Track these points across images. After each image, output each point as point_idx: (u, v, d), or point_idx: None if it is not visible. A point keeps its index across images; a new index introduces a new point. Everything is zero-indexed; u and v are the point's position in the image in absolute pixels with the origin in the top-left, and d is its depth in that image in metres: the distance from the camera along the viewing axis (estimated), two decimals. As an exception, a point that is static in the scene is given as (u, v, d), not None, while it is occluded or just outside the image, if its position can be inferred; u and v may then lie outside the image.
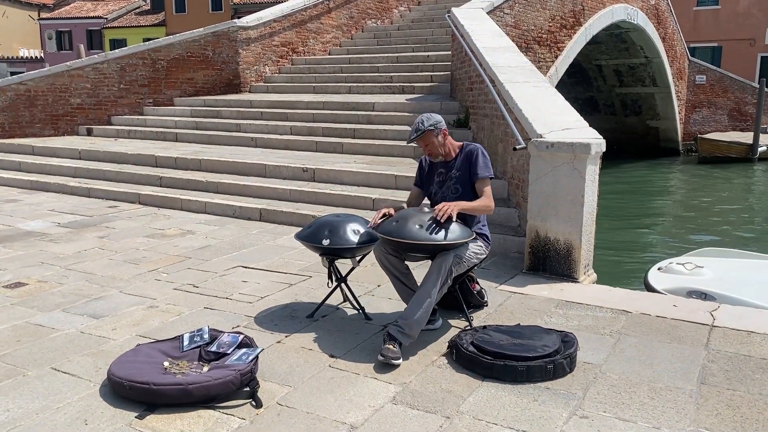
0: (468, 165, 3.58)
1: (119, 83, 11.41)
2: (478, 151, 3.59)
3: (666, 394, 2.84)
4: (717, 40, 31.11)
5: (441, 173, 3.69)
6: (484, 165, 3.55)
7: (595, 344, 3.39)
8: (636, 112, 24.36)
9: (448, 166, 3.66)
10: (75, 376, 3.02)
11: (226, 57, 12.01)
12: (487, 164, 3.57)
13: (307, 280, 4.50)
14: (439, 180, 3.69)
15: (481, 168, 3.55)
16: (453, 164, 3.64)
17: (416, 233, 3.22)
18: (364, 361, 3.18)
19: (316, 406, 2.74)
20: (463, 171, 3.59)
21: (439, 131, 3.58)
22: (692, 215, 14.30)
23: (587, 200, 4.34)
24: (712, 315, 3.79)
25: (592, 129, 4.68)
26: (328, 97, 10.41)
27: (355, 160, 7.72)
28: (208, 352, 3.04)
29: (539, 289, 4.27)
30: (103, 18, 43.75)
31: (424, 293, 3.25)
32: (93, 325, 3.66)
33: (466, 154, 3.61)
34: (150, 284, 4.43)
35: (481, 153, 3.59)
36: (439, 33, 12.75)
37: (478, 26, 8.06)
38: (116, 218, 6.56)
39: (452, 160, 3.66)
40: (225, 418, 2.64)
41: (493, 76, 6.07)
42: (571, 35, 14.39)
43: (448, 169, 3.65)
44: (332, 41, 13.99)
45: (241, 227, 6.13)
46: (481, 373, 3.01)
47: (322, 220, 3.78)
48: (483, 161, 3.56)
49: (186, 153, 8.54)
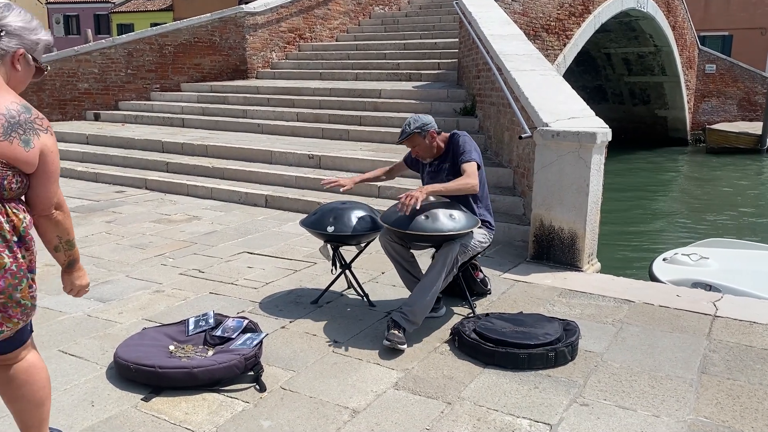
0: (454, 154, 3.57)
1: (126, 68, 11.42)
2: (461, 138, 3.57)
3: (666, 383, 2.86)
4: (728, 29, 30.83)
5: (433, 164, 3.70)
6: (465, 150, 3.51)
7: (597, 333, 3.41)
8: (644, 102, 24.21)
9: (440, 158, 3.67)
10: (82, 358, 3.06)
11: (233, 43, 11.99)
12: (468, 148, 3.51)
13: (311, 266, 4.53)
14: (431, 170, 3.70)
15: (466, 153, 3.50)
16: (444, 157, 3.65)
17: (422, 224, 3.23)
18: (367, 347, 3.21)
19: (320, 391, 2.77)
20: (452, 161, 3.59)
21: (426, 133, 3.56)
22: (699, 206, 14.25)
23: (592, 189, 4.34)
24: (715, 305, 3.80)
25: (598, 118, 4.68)
26: (334, 84, 10.39)
27: (361, 147, 7.72)
28: (213, 336, 3.08)
29: (543, 277, 4.28)
30: (111, 2, 43.73)
31: (429, 281, 3.27)
32: (100, 309, 3.70)
33: (453, 144, 3.60)
34: (156, 269, 4.47)
35: (464, 140, 3.57)
36: (447, 20, 12.68)
37: (486, 13, 8.01)
38: (123, 203, 6.60)
39: (442, 154, 3.66)
40: (229, 402, 2.68)
41: (500, 64, 6.05)
42: (579, 23, 14.29)
43: (440, 161, 3.66)
44: (339, 27, 13.94)
45: (246, 213, 6.16)
46: (483, 360, 3.04)
47: (327, 207, 3.80)
48: (466, 146, 3.52)
49: (192, 139, 8.56)
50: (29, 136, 1.76)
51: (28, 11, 1.90)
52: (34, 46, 1.87)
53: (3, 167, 1.73)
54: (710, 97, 25.18)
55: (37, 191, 1.84)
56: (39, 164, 1.80)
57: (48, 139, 1.81)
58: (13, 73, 1.84)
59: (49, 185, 1.85)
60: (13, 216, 1.79)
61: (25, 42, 1.84)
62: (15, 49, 1.82)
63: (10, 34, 1.81)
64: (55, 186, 1.87)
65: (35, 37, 1.87)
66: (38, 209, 1.87)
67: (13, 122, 1.73)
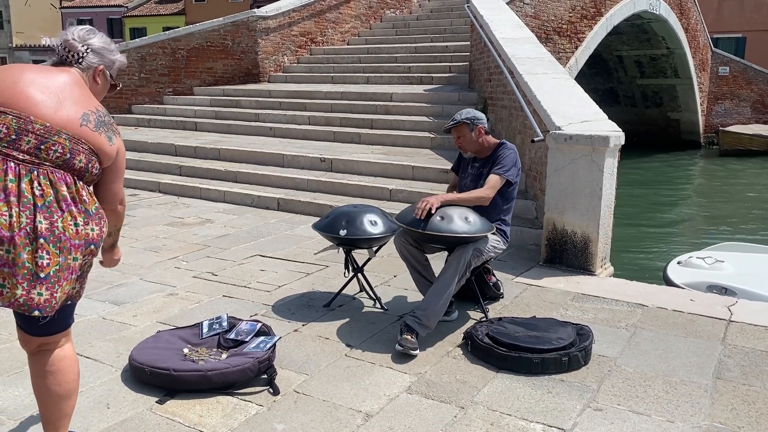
0: (493, 163, 3.60)
1: (140, 72, 11.51)
2: (506, 151, 3.60)
3: (681, 388, 2.84)
4: (741, 31, 30.59)
5: (474, 167, 3.73)
6: (502, 163, 3.55)
7: (610, 337, 3.39)
8: (657, 104, 24.09)
9: (482, 162, 3.69)
10: (97, 361, 3.09)
11: (246, 47, 12.05)
12: (506, 162, 3.55)
13: (324, 269, 4.55)
14: (473, 173, 3.72)
15: (499, 166, 3.55)
16: (486, 162, 3.66)
17: (437, 225, 3.23)
18: (380, 351, 3.21)
19: (332, 394, 2.78)
20: (491, 169, 3.60)
21: (475, 127, 3.61)
22: (713, 209, 14.15)
23: (605, 193, 4.32)
24: (730, 310, 3.77)
25: (611, 121, 4.66)
26: (346, 87, 10.42)
27: (373, 150, 7.74)
28: (227, 339, 3.09)
29: (555, 281, 4.27)
30: (124, 7, 44.10)
31: (443, 285, 3.28)
32: (114, 312, 3.73)
33: (496, 154, 3.63)
34: (170, 272, 4.50)
35: (507, 153, 3.59)
36: (458, 23, 12.68)
37: (498, 16, 8.01)
38: (137, 206, 6.65)
39: (486, 158, 3.68)
40: (243, 405, 2.69)
41: (511, 67, 6.05)
42: (591, 26, 14.24)
43: (482, 165, 3.68)
44: (351, 31, 13.98)
45: (259, 216, 6.19)
46: (496, 365, 3.03)
47: (340, 210, 3.81)
48: (504, 161, 3.55)
49: (205, 142, 8.61)
50: (111, 134, 2.07)
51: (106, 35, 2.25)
52: (111, 64, 2.20)
53: (90, 152, 2.00)
54: (723, 100, 25.00)
55: (109, 186, 2.14)
56: (114, 161, 2.09)
57: (120, 141, 2.12)
58: (94, 85, 2.15)
59: (119, 181, 2.17)
60: (91, 194, 2.07)
61: (104, 60, 2.17)
62: (97, 65, 2.14)
63: (94, 51, 2.13)
64: (121, 183, 2.19)
65: (113, 57, 2.20)
66: (108, 203, 2.14)
67: (101, 120, 2.04)
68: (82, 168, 1.99)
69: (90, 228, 2.01)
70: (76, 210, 1.97)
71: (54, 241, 1.91)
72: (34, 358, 2.11)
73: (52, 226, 1.91)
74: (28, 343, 2.09)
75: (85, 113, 1.99)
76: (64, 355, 2.11)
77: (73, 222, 1.95)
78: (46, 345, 2.09)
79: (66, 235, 1.93)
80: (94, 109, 2.03)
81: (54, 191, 1.92)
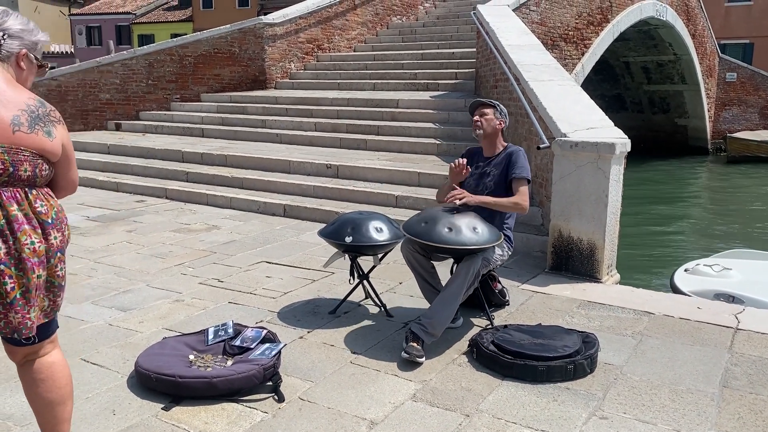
0: (507, 164, 3.62)
1: (147, 79, 11.57)
2: (520, 153, 3.65)
3: (687, 397, 2.83)
4: (749, 37, 30.47)
5: (479, 166, 3.74)
6: (522, 166, 3.60)
7: (616, 345, 3.38)
8: (664, 110, 24.02)
9: (489, 162, 3.71)
10: (103, 367, 3.10)
11: (252, 53, 12.10)
12: (525, 166, 3.62)
13: (329, 276, 4.55)
14: (478, 173, 3.73)
15: (520, 168, 3.59)
16: (493, 161, 3.69)
17: (445, 236, 3.23)
18: (385, 358, 3.21)
19: (338, 402, 2.78)
20: (501, 170, 3.63)
21: (501, 117, 3.69)
22: (720, 216, 14.08)
23: (611, 200, 4.31)
24: (737, 318, 3.76)
25: (617, 128, 4.66)
26: (352, 94, 10.44)
27: (379, 157, 7.75)
28: (233, 346, 3.10)
29: (561, 288, 4.26)
30: (132, 14, 44.37)
31: (452, 294, 3.27)
32: (121, 318, 3.75)
33: (508, 154, 3.66)
34: (176, 278, 4.52)
35: (522, 155, 3.65)
36: (465, 30, 12.70)
37: (504, 23, 8.02)
38: (144, 212, 6.68)
39: (494, 157, 3.70)
40: (248, 412, 2.70)
41: (517, 74, 6.05)
42: (598, 32, 14.23)
43: (488, 164, 3.70)
44: (357, 38, 14.02)
45: (265, 223, 6.21)
46: (502, 372, 3.03)
47: (346, 217, 3.82)
48: (522, 162, 3.62)
49: (212, 149, 8.64)
50: (50, 128, 1.93)
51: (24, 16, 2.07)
52: (33, 46, 2.02)
53: (33, 156, 1.90)
54: (731, 106, 24.91)
55: (65, 175, 2.06)
56: (62, 152, 1.98)
57: (63, 129, 1.99)
58: (19, 72, 2.00)
59: (73, 168, 2.09)
60: (49, 198, 1.99)
61: (25, 43, 1.99)
62: (18, 50, 1.97)
63: (12, 36, 1.96)
64: (75, 167, 2.11)
65: (34, 38, 2.02)
66: (68, 191, 2.10)
67: (34, 116, 1.90)
68: (30, 176, 1.90)
69: (53, 237, 1.97)
70: (30, 228, 1.90)
71: (15, 264, 1.88)
72: (23, 368, 2.09)
73: (10, 250, 1.87)
74: (14, 354, 2.07)
75: (14, 116, 1.85)
76: (52, 362, 2.09)
77: (29, 241, 1.90)
78: (32, 354, 2.07)
79: (24, 255, 1.89)
80: (24, 107, 1.88)
81: (4, 213, 1.86)
